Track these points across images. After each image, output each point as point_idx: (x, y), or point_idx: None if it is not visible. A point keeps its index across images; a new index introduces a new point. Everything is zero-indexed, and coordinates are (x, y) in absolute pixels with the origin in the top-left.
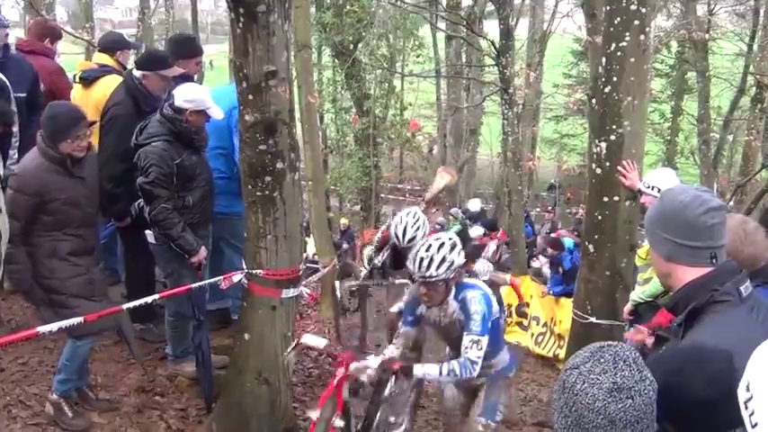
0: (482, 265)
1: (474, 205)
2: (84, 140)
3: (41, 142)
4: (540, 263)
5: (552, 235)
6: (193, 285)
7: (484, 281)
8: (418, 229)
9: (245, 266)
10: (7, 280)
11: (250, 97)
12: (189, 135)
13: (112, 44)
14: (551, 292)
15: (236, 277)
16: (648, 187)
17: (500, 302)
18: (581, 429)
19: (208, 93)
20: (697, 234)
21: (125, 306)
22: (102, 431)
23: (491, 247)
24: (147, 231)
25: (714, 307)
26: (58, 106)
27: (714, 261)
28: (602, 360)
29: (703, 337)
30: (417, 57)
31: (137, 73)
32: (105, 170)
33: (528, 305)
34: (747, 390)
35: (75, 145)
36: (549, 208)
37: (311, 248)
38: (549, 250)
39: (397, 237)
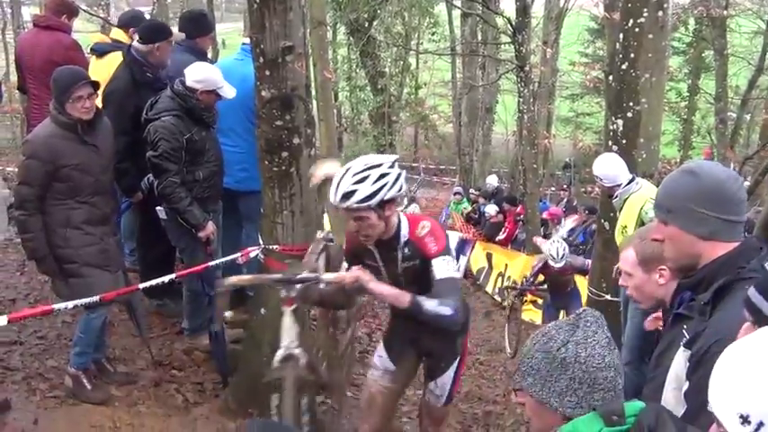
0: (555, 248)
1: (492, 181)
2: (87, 101)
3: (53, 109)
4: (540, 242)
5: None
6: (211, 264)
7: (558, 267)
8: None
9: (261, 242)
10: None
11: (267, 73)
12: (198, 111)
13: (129, 21)
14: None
15: (253, 252)
16: (596, 177)
17: (566, 288)
18: (596, 392)
19: (219, 72)
20: (736, 208)
21: (141, 286)
22: (120, 404)
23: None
24: (158, 207)
25: (742, 284)
26: (59, 70)
27: (745, 235)
28: (587, 324)
29: (736, 314)
30: (432, 35)
31: (142, 46)
32: None
33: (543, 283)
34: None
35: (78, 106)
36: (564, 186)
37: (326, 225)
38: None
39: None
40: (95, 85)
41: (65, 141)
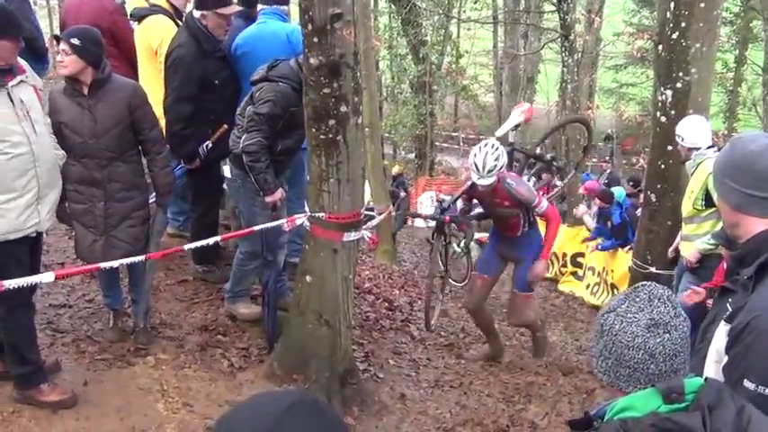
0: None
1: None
2: (59, 56)
3: None
4: (581, 212)
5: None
6: (256, 228)
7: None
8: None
9: (307, 209)
10: None
11: (315, 40)
12: (302, 83)
13: None
14: (599, 248)
15: (299, 220)
16: (677, 136)
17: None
18: (622, 368)
19: None
20: (766, 184)
21: (186, 246)
22: (167, 367)
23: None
24: (225, 167)
25: None
26: None
27: None
28: (637, 299)
29: None
30: (475, 2)
31: (197, 13)
32: (173, 112)
33: (583, 255)
34: None
35: (58, 59)
36: (606, 158)
37: (367, 195)
38: (598, 202)
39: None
40: (81, 48)
41: (63, 98)
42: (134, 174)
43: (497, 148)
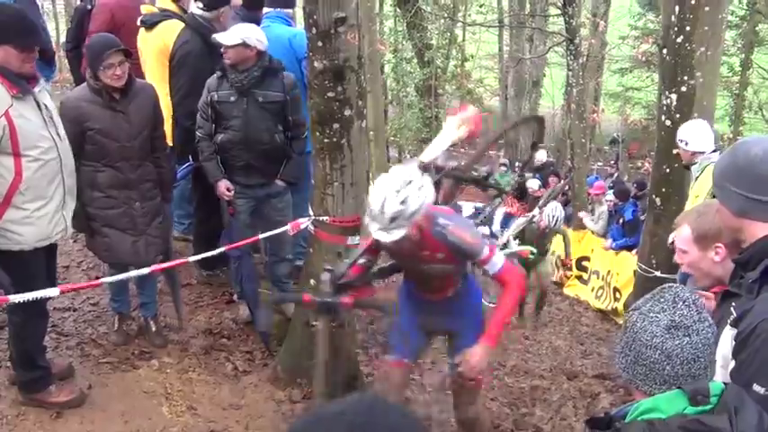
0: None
1: (541, 155)
2: (118, 69)
3: (87, 74)
4: (580, 216)
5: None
6: (262, 236)
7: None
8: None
9: (311, 213)
10: None
11: (319, 44)
12: (226, 70)
13: None
14: (614, 246)
15: (303, 224)
16: (679, 141)
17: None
18: (639, 366)
19: (243, 27)
20: None
21: (191, 259)
22: (171, 371)
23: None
24: None
25: None
26: (93, 38)
27: None
28: (661, 300)
29: None
30: (480, 6)
31: (207, 14)
32: (182, 108)
33: (588, 259)
34: None
35: (109, 73)
36: (612, 162)
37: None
38: (612, 199)
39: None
40: (127, 53)
41: (92, 105)
42: (154, 171)
43: (410, 183)
